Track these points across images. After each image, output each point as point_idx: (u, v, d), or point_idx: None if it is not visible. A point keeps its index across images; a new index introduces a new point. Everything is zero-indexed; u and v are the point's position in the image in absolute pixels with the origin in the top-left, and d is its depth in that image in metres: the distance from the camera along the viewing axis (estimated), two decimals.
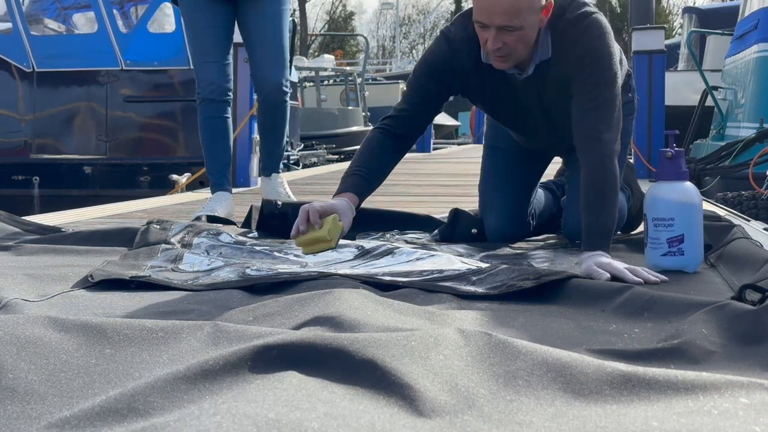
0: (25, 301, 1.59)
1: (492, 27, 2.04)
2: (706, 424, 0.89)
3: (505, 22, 2.02)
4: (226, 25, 3.48)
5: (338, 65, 24.77)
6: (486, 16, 2.04)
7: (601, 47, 2.14)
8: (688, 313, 1.40)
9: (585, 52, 2.13)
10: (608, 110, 2.11)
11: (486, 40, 2.08)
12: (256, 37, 3.50)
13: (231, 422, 0.79)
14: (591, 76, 2.12)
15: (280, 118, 3.60)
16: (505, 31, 2.04)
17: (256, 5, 3.47)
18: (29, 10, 8.50)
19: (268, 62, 3.49)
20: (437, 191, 4.97)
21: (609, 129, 2.09)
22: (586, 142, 2.10)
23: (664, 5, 37.20)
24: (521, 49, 2.11)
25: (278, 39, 3.51)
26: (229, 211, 3.33)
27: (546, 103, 2.29)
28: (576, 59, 2.14)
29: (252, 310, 1.52)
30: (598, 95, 2.11)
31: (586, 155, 2.09)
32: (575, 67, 2.14)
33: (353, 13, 45.65)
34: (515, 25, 2.03)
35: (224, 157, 3.51)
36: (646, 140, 5.64)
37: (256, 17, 3.47)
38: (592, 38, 2.14)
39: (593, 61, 2.12)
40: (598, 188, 2.04)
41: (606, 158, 2.06)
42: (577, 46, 2.14)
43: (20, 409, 0.96)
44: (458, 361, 1.05)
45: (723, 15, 11.31)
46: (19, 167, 7.78)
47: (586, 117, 2.12)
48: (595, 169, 2.06)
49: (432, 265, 2.00)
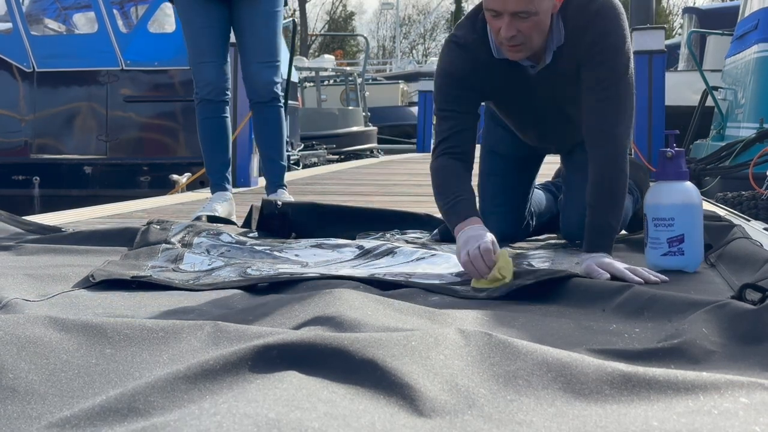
0: (26, 300, 1.59)
1: (505, 14, 1.95)
2: (706, 423, 0.89)
3: (520, 7, 1.94)
4: (222, 24, 3.46)
5: (338, 65, 24.76)
6: (499, 3, 1.95)
7: (614, 31, 2.05)
8: (688, 312, 1.40)
9: (596, 37, 2.05)
10: (621, 101, 2.04)
11: (498, 30, 1.99)
12: (248, 38, 3.48)
13: (231, 422, 0.79)
14: (602, 63, 2.05)
15: (272, 122, 3.56)
16: (519, 18, 1.96)
17: (250, 5, 3.46)
18: (29, 10, 8.50)
19: (259, 63, 3.48)
20: None
21: (622, 122, 2.03)
22: (598, 135, 2.04)
23: (664, 5, 37.20)
24: (536, 36, 2.01)
25: (271, 40, 3.49)
26: (229, 210, 3.32)
27: (560, 97, 2.21)
28: (587, 45, 2.06)
29: (252, 310, 1.52)
30: (610, 85, 2.04)
31: (596, 150, 2.04)
32: (586, 53, 2.06)
33: (353, 13, 45.68)
34: (530, 11, 1.95)
35: (223, 157, 3.50)
36: (646, 140, 5.64)
37: (250, 17, 3.46)
38: (604, 22, 2.05)
39: (605, 48, 2.05)
40: (607, 186, 2.00)
41: (618, 155, 2.01)
42: (588, 32, 2.05)
43: (20, 409, 0.96)
44: (458, 361, 1.05)
45: (723, 15, 11.30)
46: (19, 167, 7.78)
47: (597, 108, 2.05)
48: (605, 166, 2.01)
49: (432, 266, 2.00)
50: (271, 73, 3.51)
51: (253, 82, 3.52)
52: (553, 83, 2.17)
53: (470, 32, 2.15)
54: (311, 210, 2.81)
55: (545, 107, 2.27)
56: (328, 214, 2.81)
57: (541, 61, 2.13)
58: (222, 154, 3.49)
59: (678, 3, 38.89)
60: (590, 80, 2.07)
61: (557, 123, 2.33)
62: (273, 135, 3.62)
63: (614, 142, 2.03)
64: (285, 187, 3.62)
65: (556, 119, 2.32)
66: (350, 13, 44.89)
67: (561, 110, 2.27)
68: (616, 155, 2.02)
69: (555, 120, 2.32)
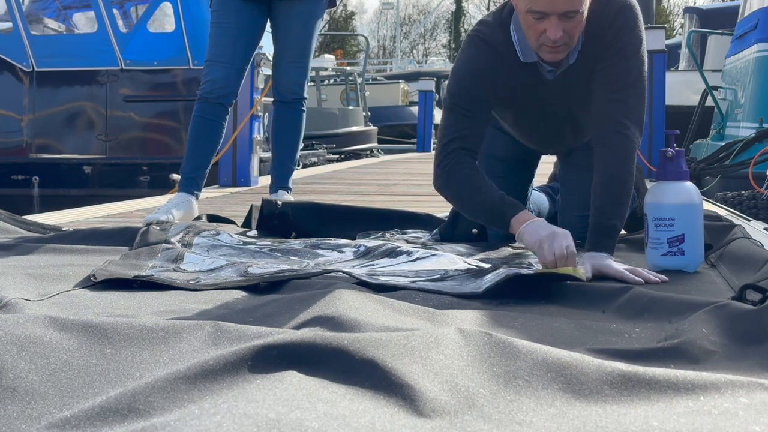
0: (26, 300, 1.58)
1: (554, 15, 1.92)
2: (706, 423, 0.89)
3: (570, 6, 1.91)
4: (252, 28, 3.40)
5: (338, 65, 24.77)
6: (548, 4, 1.91)
7: (633, 32, 2.05)
8: (688, 312, 1.40)
9: (616, 37, 2.03)
10: (634, 102, 2.03)
11: (541, 32, 1.95)
12: (281, 36, 3.46)
13: (231, 422, 0.79)
14: (619, 62, 2.04)
15: (291, 124, 3.53)
16: (566, 18, 1.93)
17: (288, 5, 3.42)
18: (29, 10, 8.50)
19: (287, 62, 3.47)
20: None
21: (634, 123, 2.02)
22: (609, 136, 2.02)
23: (664, 5, 37.20)
24: (577, 36, 1.99)
25: (303, 41, 3.45)
26: (188, 216, 3.09)
27: (573, 99, 2.19)
28: (606, 45, 2.04)
29: (252, 310, 1.52)
30: (625, 85, 2.03)
31: (606, 150, 2.02)
32: (604, 52, 2.05)
33: (354, 13, 45.67)
34: (578, 9, 1.92)
35: (201, 159, 3.32)
36: (646, 140, 5.64)
37: (287, 16, 3.43)
38: (624, 22, 2.04)
39: (624, 47, 2.04)
40: (615, 188, 1.99)
41: (628, 157, 2.00)
42: (608, 32, 2.04)
43: (20, 409, 0.95)
44: (458, 361, 1.05)
45: (724, 15, 11.30)
46: (18, 167, 7.78)
47: (610, 108, 2.03)
48: (614, 167, 2.00)
49: (433, 265, 2.00)
50: (296, 73, 3.49)
51: (278, 81, 3.51)
52: (567, 87, 2.15)
53: (497, 31, 2.11)
54: (311, 210, 2.81)
55: (555, 112, 2.25)
56: (328, 213, 2.81)
57: (564, 63, 2.10)
58: (200, 156, 3.32)
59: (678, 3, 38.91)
60: (605, 78, 2.05)
61: (563, 128, 2.32)
62: (288, 137, 3.60)
63: (625, 143, 2.01)
64: (289, 190, 3.59)
65: (563, 124, 2.30)
66: (350, 13, 44.90)
67: (570, 114, 2.24)
68: (625, 156, 2.01)
69: (561, 125, 2.31)
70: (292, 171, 3.64)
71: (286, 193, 3.55)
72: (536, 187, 2.70)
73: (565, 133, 2.35)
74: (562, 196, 2.53)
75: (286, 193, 3.54)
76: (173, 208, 3.08)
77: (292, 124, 3.57)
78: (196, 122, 3.36)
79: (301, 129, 3.61)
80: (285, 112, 3.56)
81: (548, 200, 2.69)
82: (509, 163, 2.51)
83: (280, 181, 3.60)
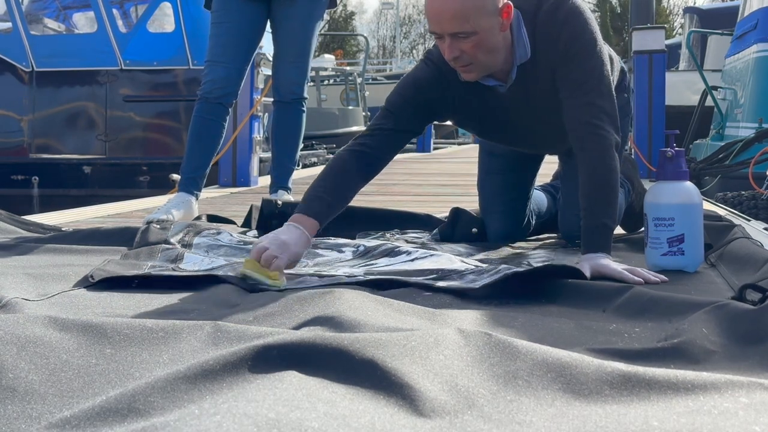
0: (26, 300, 1.59)
1: (445, 35, 1.97)
2: (706, 423, 0.89)
3: (456, 28, 1.95)
4: (253, 28, 3.40)
5: (338, 65, 24.75)
6: (436, 25, 1.97)
7: (584, 35, 2.07)
8: (688, 312, 1.40)
9: (568, 42, 2.06)
10: (602, 102, 2.05)
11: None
12: (281, 36, 3.46)
13: (231, 422, 0.79)
14: (577, 67, 2.06)
15: (290, 124, 3.53)
16: (459, 38, 1.97)
17: (289, 5, 3.42)
18: (29, 10, 8.50)
19: (287, 62, 3.47)
20: (437, 191, 4.97)
21: (606, 121, 2.04)
22: (585, 139, 2.05)
23: (664, 5, 37.20)
24: (482, 56, 2.02)
25: (302, 41, 3.45)
26: (188, 216, 3.11)
27: (538, 109, 2.21)
28: (560, 53, 2.07)
29: (252, 310, 1.52)
30: (589, 89, 2.05)
31: (585, 154, 2.04)
32: (560, 60, 2.07)
33: (353, 13, 45.66)
34: (467, 31, 1.95)
35: (201, 159, 3.32)
36: (646, 140, 5.64)
37: (287, 16, 3.43)
38: (573, 27, 2.07)
39: (578, 51, 2.06)
40: (598, 187, 2.00)
41: (607, 155, 2.01)
42: (559, 40, 2.07)
43: (20, 409, 0.96)
44: (458, 361, 1.05)
45: (724, 15, 11.30)
46: (18, 167, 7.78)
47: (579, 113, 2.06)
48: (593, 167, 2.02)
49: (432, 265, 1.99)
50: (296, 73, 3.48)
51: (278, 81, 3.51)
52: (529, 98, 2.17)
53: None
54: None
55: (524, 123, 2.26)
56: None
57: (507, 79, 2.14)
58: (200, 156, 3.32)
59: (678, 3, 38.91)
60: (567, 85, 2.08)
61: (543, 133, 2.33)
62: (288, 137, 3.60)
63: (602, 143, 2.03)
64: (289, 190, 3.59)
65: (542, 130, 2.31)
66: (350, 13, 44.88)
67: (543, 121, 2.25)
68: (605, 155, 2.02)
69: (540, 131, 2.32)
70: (292, 171, 3.64)
71: (286, 193, 3.55)
72: (538, 186, 2.70)
73: (545, 137, 2.35)
74: (562, 195, 2.53)
75: (286, 193, 3.55)
76: (173, 208, 3.08)
77: (292, 124, 3.57)
78: (197, 122, 3.35)
79: (301, 129, 3.61)
80: (285, 112, 3.56)
81: (549, 199, 2.69)
82: (509, 159, 2.53)
83: (280, 181, 3.60)
